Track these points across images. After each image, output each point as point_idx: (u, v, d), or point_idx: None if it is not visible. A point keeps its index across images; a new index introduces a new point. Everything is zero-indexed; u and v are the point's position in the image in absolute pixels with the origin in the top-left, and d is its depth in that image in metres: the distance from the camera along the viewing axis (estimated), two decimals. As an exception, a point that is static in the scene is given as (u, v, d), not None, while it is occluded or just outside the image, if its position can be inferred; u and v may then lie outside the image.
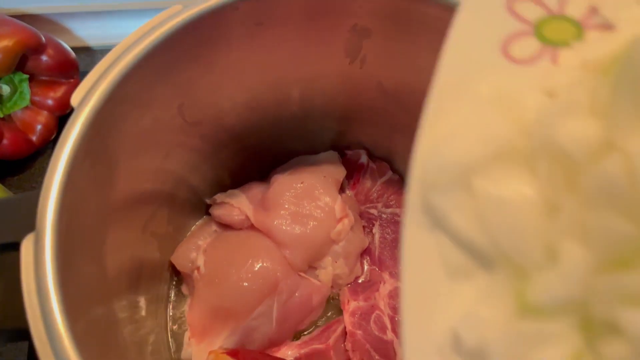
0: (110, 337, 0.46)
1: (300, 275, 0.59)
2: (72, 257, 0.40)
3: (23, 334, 0.40)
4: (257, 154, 0.66)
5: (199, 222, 0.66)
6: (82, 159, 0.41)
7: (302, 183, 0.61)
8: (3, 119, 0.72)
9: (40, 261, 0.36)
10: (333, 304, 0.62)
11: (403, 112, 0.61)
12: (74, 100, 0.42)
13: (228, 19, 0.47)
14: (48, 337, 0.35)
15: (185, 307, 0.61)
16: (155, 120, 0.51)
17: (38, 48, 0.70)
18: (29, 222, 0.38)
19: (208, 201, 0.64)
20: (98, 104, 0.42)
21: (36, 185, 0.74)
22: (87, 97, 0.42)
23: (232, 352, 0.51)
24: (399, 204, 0.65)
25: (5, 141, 0.72)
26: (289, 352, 0.57)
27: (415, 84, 0.55)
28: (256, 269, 0.57)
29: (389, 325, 0.59)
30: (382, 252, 0.63)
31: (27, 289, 0.36)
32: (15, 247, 0.39)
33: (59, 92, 0.74)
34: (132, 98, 0.46)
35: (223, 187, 0.65)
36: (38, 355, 0.35)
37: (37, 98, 0.73)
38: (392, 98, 0.59)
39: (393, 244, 0.63)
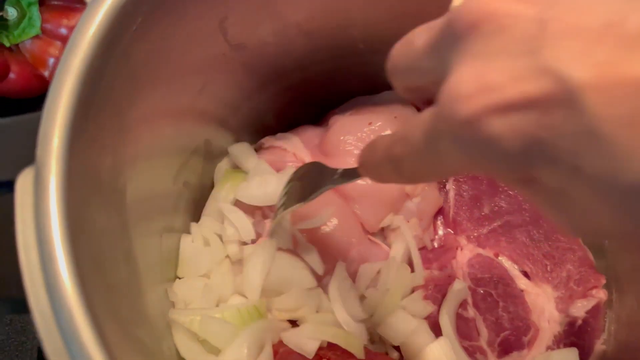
0: (133, 309, 0.36)
1: (371, 240, 0.48)
2: (83, 204, 0.29)
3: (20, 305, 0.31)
4: (307, 94, 0.55)
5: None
6: (100, 67, 0.30)
7: (369, 124, 0.49)
8: (10, 49, 0.62)
9: (42, 204, 0.26)
10: (399, 273, 0.52)
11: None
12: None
13: None
14: (53, 309, 0.25)
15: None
16: (190, 35, 0.40)
17: (48, -37, 0.59)
18: (24, 153, 0.28)
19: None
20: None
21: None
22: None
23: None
24: (479, 155, 0.54)
25: (12, 75, 0.61)
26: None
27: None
28: (328, 230, 0.46)
29: (469, 300, 0.48)
30: (457, 213, 0.52)
31: (24, 243, 0.26)
32: (6, 186, 0.29)
33: (74, 19, 0.63)
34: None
35: (267, 132, 0.54)
36: (39, 334, 0.25)
37: (48, 26, 0.63)
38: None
39: (472, 202, 0.52)
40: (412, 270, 0.49)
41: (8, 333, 0.57)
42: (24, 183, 0.27)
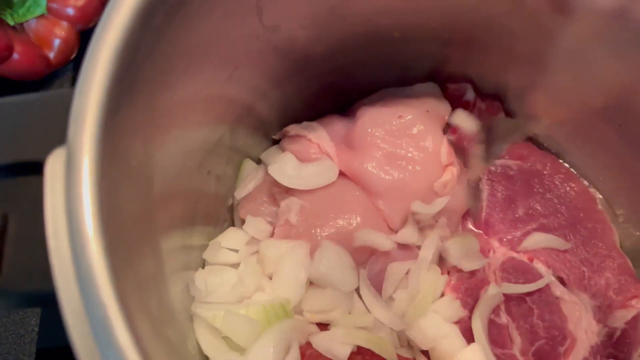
0: (161, 305, 0.33)
1: (397, 243, 0.46)
2: (114, 190, 0.26)
3: (37, 299, 0.28)
4: (337, 83, 0.52)
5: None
6: (135, 42, 0.27)
7: (399, 118, 0.47)
8: (14, 28, 0.58)
9: (74, 188, 0.23)
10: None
11: (536, 35, 0.46)
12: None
13: None
14: (85, 305, 0.22)
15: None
16: (226, 14, 0.37)
17: (59, -63, 0.56)
18: (52, 133, 0.25)
19: (275, 136, 0.51)
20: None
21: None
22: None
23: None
24: (513, 154, 0.51)
25: (16, 55, 0.58)
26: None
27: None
28: (351, 229, 0.44)
29: (502, 306, 0.46)
30: (490, 214, 0.50)
31: (54, 229, 0.23)
32: (34, 169, 0.26)
33: (81, -1, 0.60)
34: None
35: (293, 121, 0.51)
36: (69, 333, 0.22)
37: (54, 5, 0.59)
38: (529, 13, 0.44)
39: (505, 203, 0.50)
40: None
41: (6, 325, 0.54)
42: (54, 165, 0.24)
